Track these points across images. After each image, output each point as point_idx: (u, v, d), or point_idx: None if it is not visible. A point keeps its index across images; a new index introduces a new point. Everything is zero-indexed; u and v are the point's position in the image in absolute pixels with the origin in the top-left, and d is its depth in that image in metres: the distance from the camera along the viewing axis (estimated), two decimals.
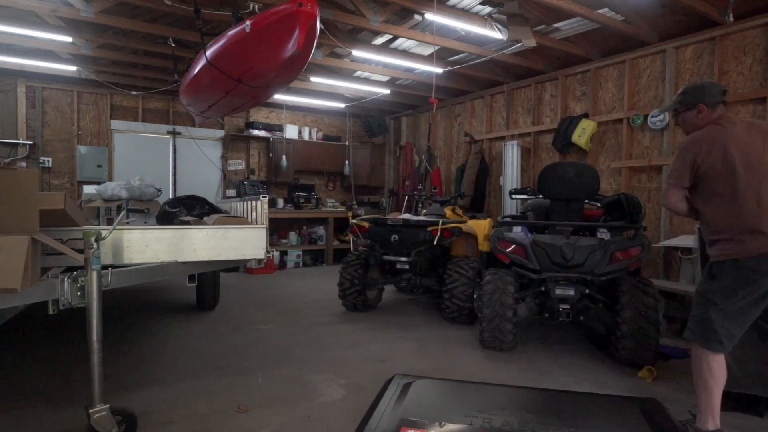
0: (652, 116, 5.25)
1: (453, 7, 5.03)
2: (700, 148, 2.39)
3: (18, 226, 2.03)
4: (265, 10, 3.80)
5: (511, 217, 4.79)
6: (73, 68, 6.72)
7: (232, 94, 4.71)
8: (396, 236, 4.60)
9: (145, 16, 5.36)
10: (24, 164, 7.07)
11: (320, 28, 3.88)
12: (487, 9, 4.98)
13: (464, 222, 4.92)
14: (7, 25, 5.10)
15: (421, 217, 4.81)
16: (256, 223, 3.23)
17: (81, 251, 2.19)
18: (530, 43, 5.11)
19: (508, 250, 3.83)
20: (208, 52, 4.17)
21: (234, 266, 3.63)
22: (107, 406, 2.23)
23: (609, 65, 5.84)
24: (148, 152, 8.06)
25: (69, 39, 5.61)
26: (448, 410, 1.55)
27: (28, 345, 3.91)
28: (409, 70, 6.98)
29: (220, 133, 8.63)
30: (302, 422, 2.60)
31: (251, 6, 4.18)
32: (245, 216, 3.66)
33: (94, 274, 2.19)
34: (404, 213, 6.11)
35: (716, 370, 2.29)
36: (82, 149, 7.47)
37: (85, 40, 5.70)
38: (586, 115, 6.01)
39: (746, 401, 2.77)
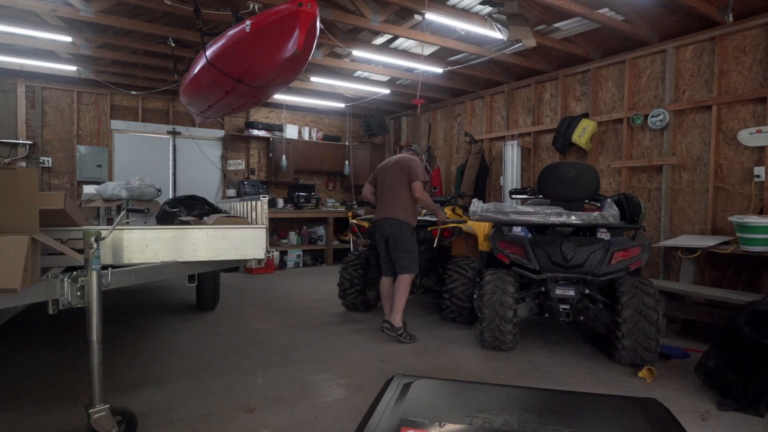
0: (653, 116, 5.25)
1: (453, 7, 5.03)
2: None
3: (18, 226, 2.03)
4: (265, 10, 3.79)
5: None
6: (73, 68, 6.72)
7: (232, 94, 4.71)
8: None
9: (145, 16, 5.36)
10: (24, 164, 7.07)
11: (320, 28, 3.88)
12: (487, 9, 4.98)
13: (464, 222, 4.92)
14: (7, 25, 5.10)
15: (421, 217, 4.81)
16: (256, 223, 3.23)
17: (81, 251, 2.19)
18: (530, 43, 5.11)
19: (507, 250, 3.84)
20: (208, 52, 4.17)
21: (234, 266, 3.63)
22: (107, 406, 2.23)
23: (609, 65, 5.84)
24: (148, 152, 8.06)
25: (69, 39, 5.61)
26: (448, 410, 1.55)
27: (28, 345, 3.91)
28: (409, 70, 6.97)
29: (220, 133, 8.63)
30: (302, 422, 2.60)
31: (251, 6, 4.18)
32: (245, 216, 3.66)
33: (94, 274, 2.19)
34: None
35: None
36: (82, 149, 7.47)
37: (85, 40, 5.70)
38: (586, 115, 6.01)
39: (746, 401, 2.77)
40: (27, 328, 4.32)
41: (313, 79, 7.26)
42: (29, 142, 7.11)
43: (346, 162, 9.54)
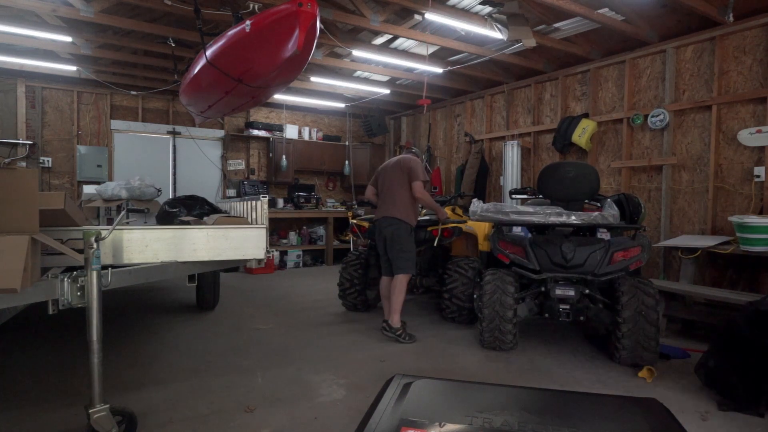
0: (653, 116, 5.25)
1: (453, 7, 5.03)
2: None
3: (18, 226, 2.03)
4: (265, 10, 3.79)
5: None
6: (73, 68, 6.72)
7: (232, 94, 4.71)
8: None
9: (145, 16, 5.36)
10: (24, 164, 7.07)
11: (320, 28, 3.88)
12: (487, 9, 4.98)
13: (464, 222, 4.92)
14: (7, 25, 5.10)
15: (422, 217, 4.81)
16: (256, 223, 3.23)
17: (81, 251, 2.19)
18: (530, 43, 5.11)
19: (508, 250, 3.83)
20: (208, 52, 4.17)
21: (234, 266, 3.62)
22: (107, 406, 2.24)
23: (609, 65, 5.84)
24: (148, 152, 8.06)
25: (69, 39, 5.61)
26: (448, 410, 1.55)
27: (28, 345, 3.91)
28: (409, 70, 6.98)
29: (220, 133, 8.63)
30: (302, 422, 2.60)
31: (251, 6, 4.18)
32: (245, 216, 3.66)
33: (94, 274, 2.19)
34: None
35: None
36: (82, 149, 7.48)
37: (85, 40, 5.70)
38: (586, 115, 6.01)
39: (746, 401, 2.77)
40: (27, 328, 4.32)
41: (313, 79, 7.26)
42: (29, 142, 7.11)
43: (346, 162, 9.54)
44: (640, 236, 3.85)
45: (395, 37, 5.99)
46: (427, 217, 4.84)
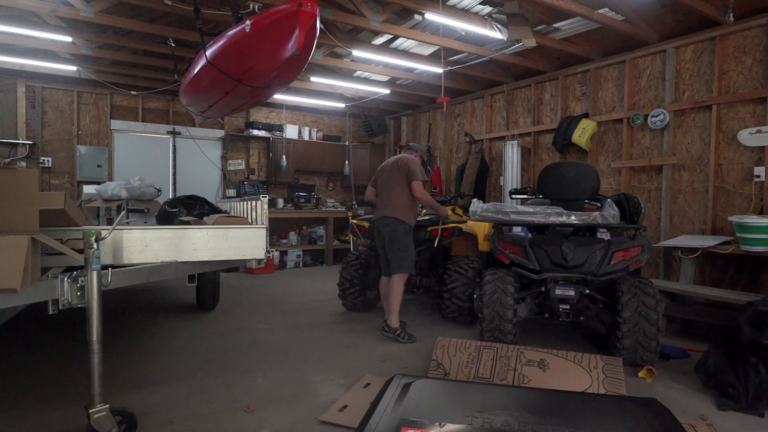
0: (653, 116, 5.25)
1: (453, 7, 5.03)
2: None
3: (18, 226, 2.03)
4: (265, 10, 3.79)
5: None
6: (73, 68, 6.72)
7: (232, 94, 4.70)
8: None
9: (145, 16, 5.36)
10: (24, 164, 7.07)
11: (320, 28, 3.88)
12: (487, 9, 4.98)
13: (464, 222, 4.92)
14: (7, 25, 5.10)
15: (422, 217, 4.81)
16: (256, 223, 3.23)
17: (81, 251, 2.19)
18: (530, 43, 5.11)
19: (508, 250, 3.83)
20: (208, 52, 4.17)
21: (234, 266, 3.63)
22: (107, 406, 2.24)
23: (609, 65, 5.84)
24: (148, 152, 8.06)
25: (69, 39, 5.61)
26: (448, 410, 1.55)
27: (28, 345, 3.91)
28: (409, 70, 6.98)
29: (220, 133, 8.63)
30: (302, 422, 2.60)
31: (251, 6, 4.18)
32: (245, 216, 3.66)
33: (94, 274, 2.19)
34: None
35: None
36: (82, 149, 7.47)
37: (85, 40, 5.70)
38: (586, 115, 6.01)
39: (746, 401, 2.77)
40: (27, 328, 4.32)
41: (313, 79, 7.26)
42: (29, 142, 7.11)
43: (346, 162, 9.54)
44: (640, 236, 3.84)
45: (395, 37, 5.99)
46: (427, 217, 4.84)
